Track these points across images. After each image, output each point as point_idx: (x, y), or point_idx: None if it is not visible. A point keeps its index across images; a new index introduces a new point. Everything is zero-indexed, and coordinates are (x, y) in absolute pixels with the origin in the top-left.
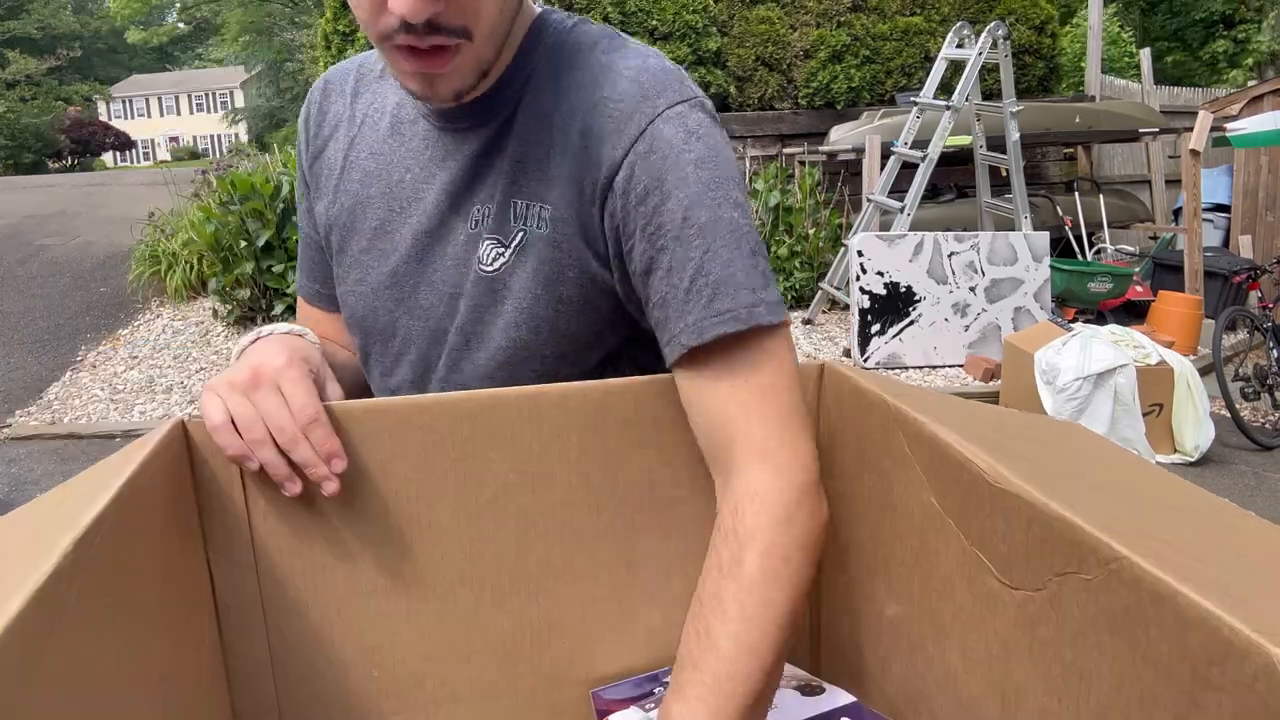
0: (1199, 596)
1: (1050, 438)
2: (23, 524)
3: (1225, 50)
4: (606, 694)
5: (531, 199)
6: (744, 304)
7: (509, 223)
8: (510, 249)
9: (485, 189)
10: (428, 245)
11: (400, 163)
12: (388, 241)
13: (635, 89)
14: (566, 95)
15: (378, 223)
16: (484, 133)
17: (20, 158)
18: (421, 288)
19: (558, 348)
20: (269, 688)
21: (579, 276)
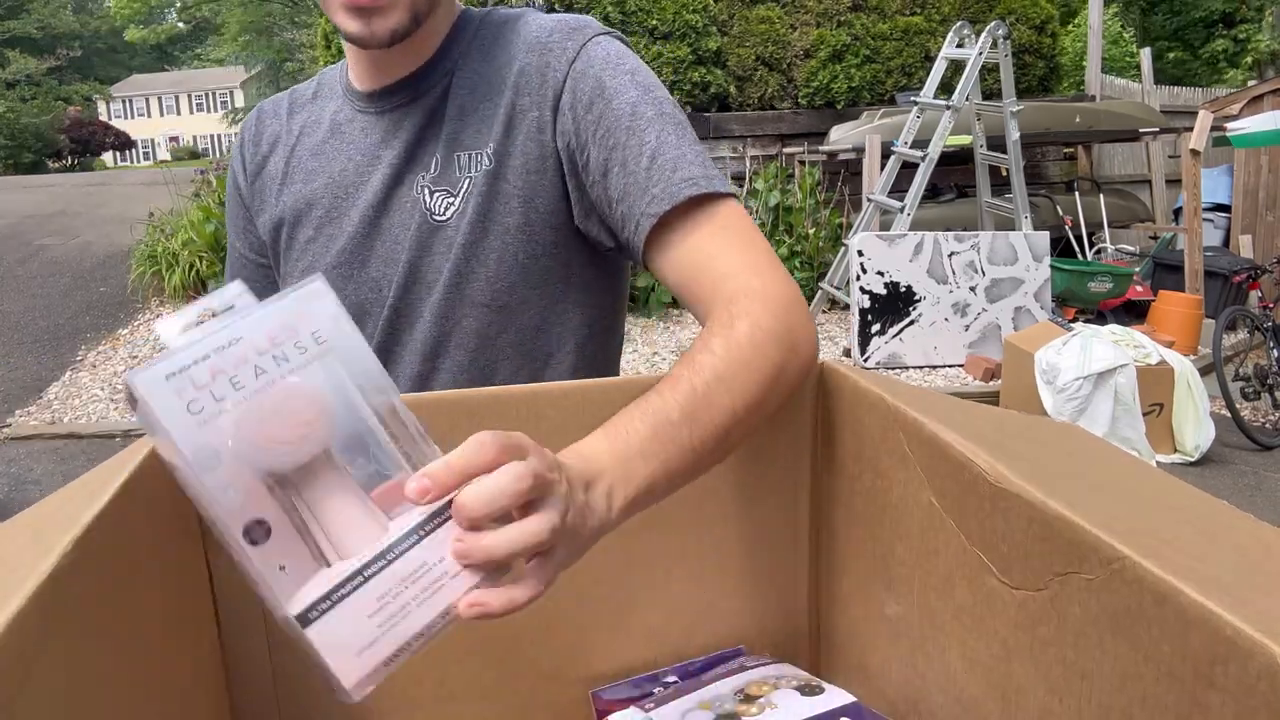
0: (1201, 596)
1: (1050, 439)
2: (23, 526)
3: (1225, 50)
4: (606, 694)
5: (473, 148)
6: (701, 175)
7: (455, 174)
8: (459, 196)
9: (428, 156)
10: (374, 219)
11: (342, 154)
12: (335, 226)
13: (563, 27)
14: (499, 52)
15: (324, 211)
16: (422, 105)
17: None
18: (371, 261)
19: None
20: (269, 687)
21: (524, 209)
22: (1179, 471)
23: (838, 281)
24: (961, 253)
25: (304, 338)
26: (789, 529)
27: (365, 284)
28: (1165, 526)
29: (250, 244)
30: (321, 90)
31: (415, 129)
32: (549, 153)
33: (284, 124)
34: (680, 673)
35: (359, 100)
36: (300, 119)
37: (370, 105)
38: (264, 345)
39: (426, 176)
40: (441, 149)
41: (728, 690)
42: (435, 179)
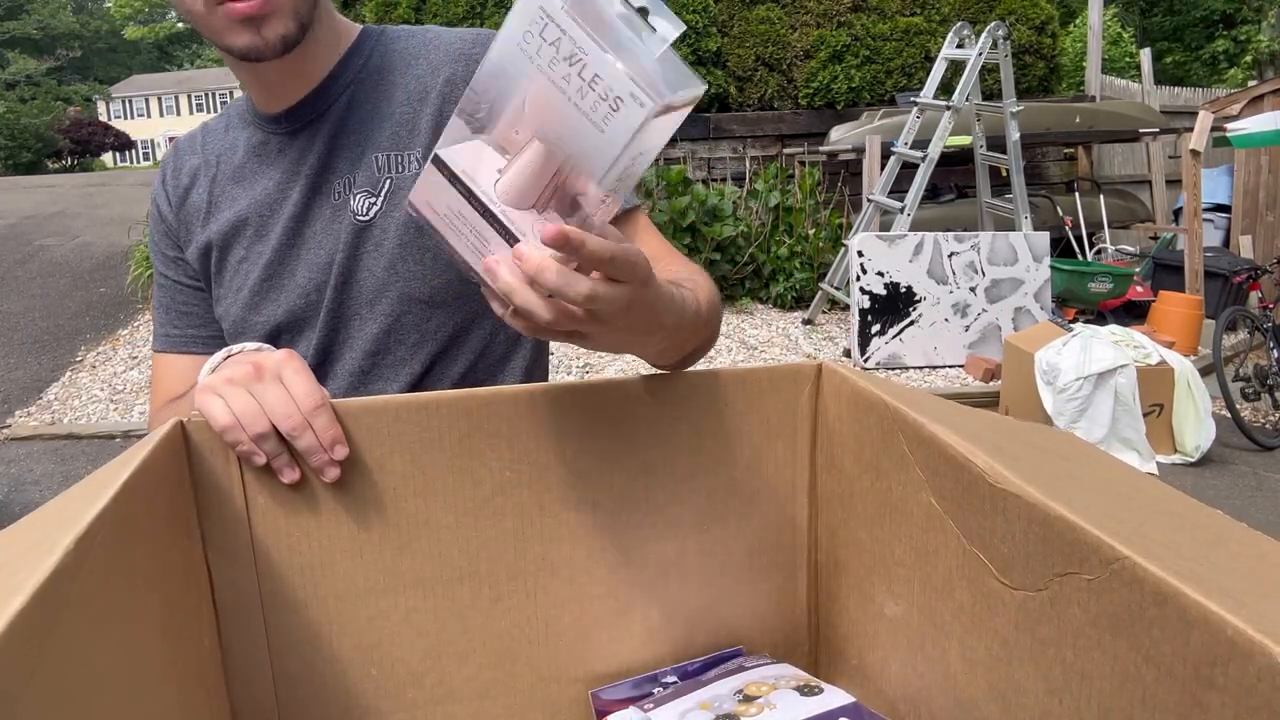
0: (1201, 597)
1: (1048, 444)
2: (24, 528)
3: (1225, 50)
4: (605, 694)
5: (393, 149)
6: None
7: (376, 175)
8: (380, 195)
9: (343, 163)
10: (297, 230)
11: (263, 175)
12: (262, 242)
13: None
14: (416, 61)
15: (252, 231)
16: (330, 118)
17: (20, 158)
18: (299, 270)
19: (433, 291)
20: (268, 687)
21: None
22: (1179, 472)
23: (838, 282)
24: (961, 253)
25: None
26: (788, 529)
27: (294, 292)
28: (1164, 530)
29: (182, 271)
30: (232, 121)
31: (327, 140)
32: None
33: (201, 157)
34: (680, 673)
35: (268, 123)
36: (216, 149)
37: (280, 127)
38: None
39: (347, 182)
40: (357, 153)
41: (727, 690)
42: (356, 183)
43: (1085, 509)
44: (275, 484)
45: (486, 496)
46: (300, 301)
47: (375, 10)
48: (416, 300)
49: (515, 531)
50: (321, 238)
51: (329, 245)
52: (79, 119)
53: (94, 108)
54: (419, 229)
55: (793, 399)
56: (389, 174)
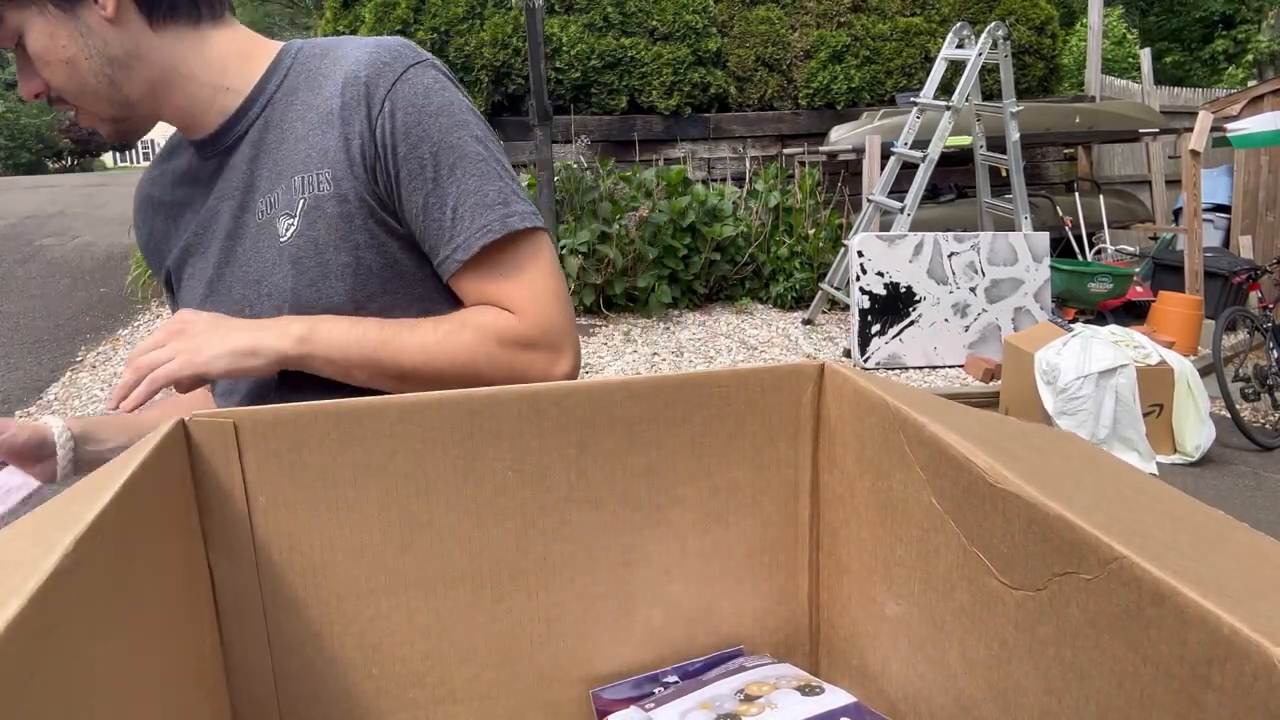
0: (1199, 596)
1: (1048, 444)
2: (25, 527)
3: (1225, 50)
4: (606, 694)
5: (309, 170)
6: (498, 217)
7: (292, 195)
8: (298, 215)
9: (265, 182)
10: (229, 248)
11: (197, 198)
12: (203, 260)
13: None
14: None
15: (196, 252)
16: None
17: (20, 158)
18: (234, 286)
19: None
20: (269, 686)
21: (368, 223)
22: (1179, 472)
23: (838, 282)
24: (961, 253)
25: None
26: (789, 529)
27: (230, 308)
28: (1163, 530)
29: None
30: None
31: (249, 160)
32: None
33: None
34: (680, 673)
35: (195, 148)
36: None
37: (205, 151)
38: None
39: (269, 201)
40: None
41: (728, 690)
42: (278, 202)
43: (1084, 509)
44: (276, 484)
45: (488, 496)
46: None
47: (375, 10)
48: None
49: (517, 531)
50: (250, 255)
51: (257, 265)
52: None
53: None
54: (337, 247)
55: (795, 399)
56: (303, 194)
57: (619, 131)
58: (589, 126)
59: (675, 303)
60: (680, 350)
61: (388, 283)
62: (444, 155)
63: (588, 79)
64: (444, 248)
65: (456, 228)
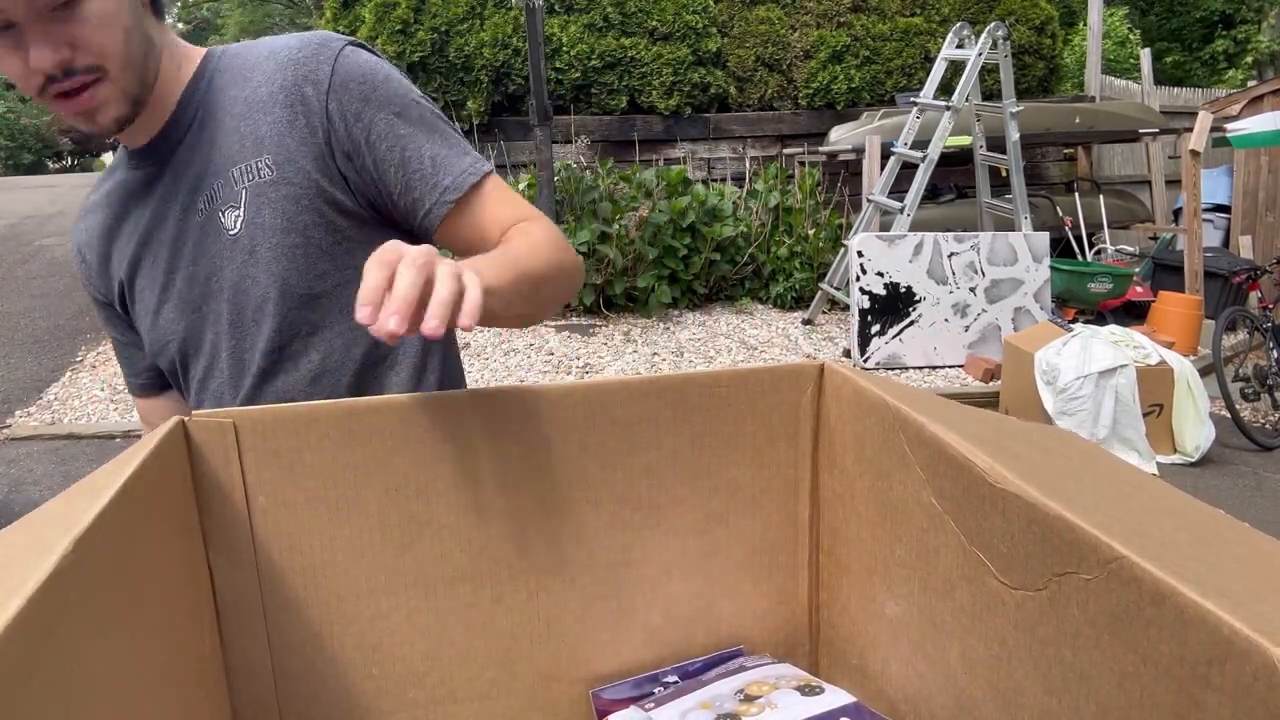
0: (1199, 596)
1: (1049, 443)
2: (25, 528)
3: (1225, 50)
4: (606, 694)
5: (245, 159)
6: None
7: (233, 187)
8: (243, 206)
9: (204, 180)
10: (176, 250)
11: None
12: (154, 268)
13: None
14: (252, 73)
15: (146, 261)
16: (186, 144)
17: (20, 158)
18: (184, 285)
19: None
20: (269, 686)
21: (316, 203)
22: (1179, 472)
23: (838, 282)
24: (961, 253)
25: None
26: (789, 529)
27: (185, 309)
28: (1163, 530)
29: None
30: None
31: (185, 163)
32: (325, 154)
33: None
34: (680, 673)
35: (134, 159)
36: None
37: (144, 161)
38: None
39: (208, 197)
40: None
41: (728, 690)
42: (219, 197)
43: (1084, 508)
44: (276, 484)
45: (488, 496)
46: (193, 317)
47: (375, 10)
48: (298, 295)
49: (517, 532)
50: (196, 254)
51: (206, 262)
52: None
53: None
54: (285, 230)
55: (795, 399)
56: (244, 184)
57: (619, 131)
58: (589, 126)
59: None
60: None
61: (338, 259)
62: (409, 112)
63: (588, 79)
64: (432, 193)
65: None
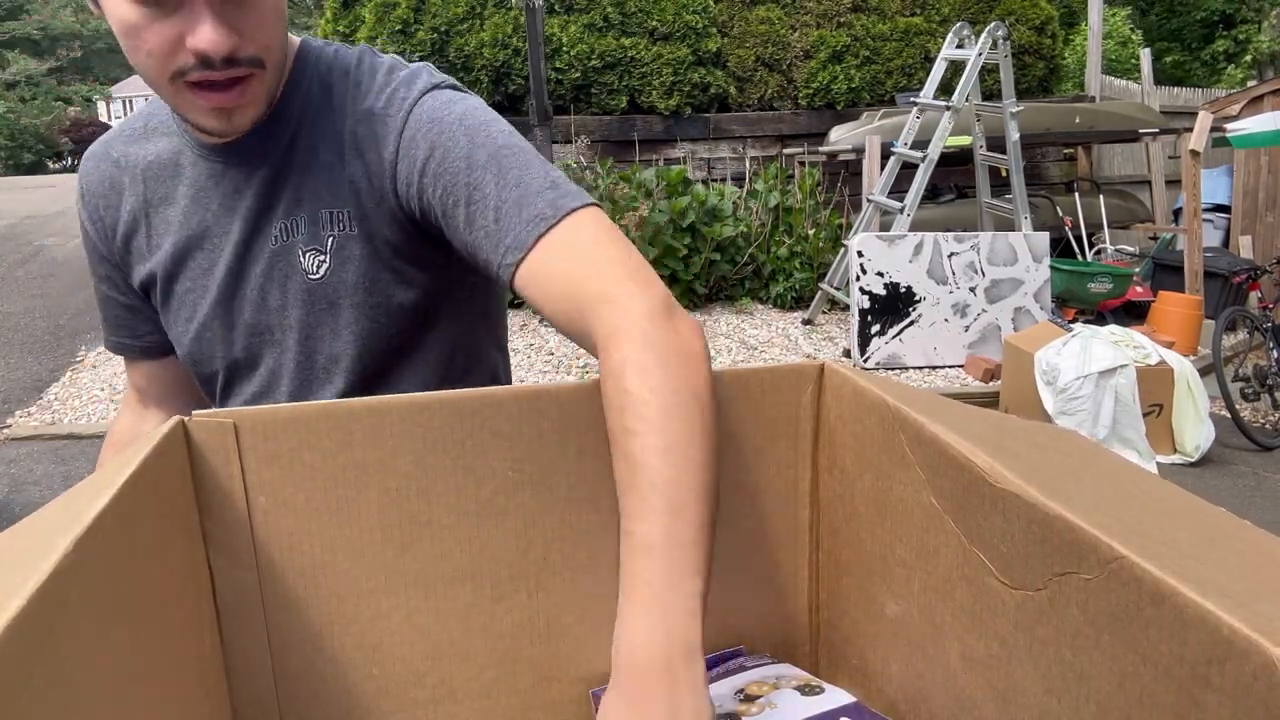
0: (1198, 596)
1: (1049, 442)
2: (25, 527)
3: (1225, 50)
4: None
5: (334, 206)
6: (547, 202)
7: (320, 231)
8: (328, 254)
9: (282, 207)
10: (240, 270)
11: (199, 205)
12: (208, 276)
13: (395, 88)
14: (340, 109)
15: (195, 263)
16: (269, 160)
17: (20, 158)
18: (246, 308)
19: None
20: (269, 686)
21: (394, 262)
22: (1179, 472)
23: (838, 282)
24: (961, 253)
25: None
26: (789, 529)
27: (244, 332)
28: (1164, 529)
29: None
30: (152, 127)
31: (264, 182)
32: (400, 216)
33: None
34: None
35: (201, 147)
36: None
37: (214, 155)
38: None
39: (287, 228)
40: (302, 204)
41: (728, 690)
42: (299, 232)
43: (1084, 508)
44: (277, 484)
45: (488, 496)
46: (253, 341)
47: (375, 10)
48: (377, 352)
49: (517, 531)
50: (267, 282)
51: (278, 295)
52: (79, 119)
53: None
54: (369, 289)
55: (795, 399)
56: (332, 232)
57: (619, 131)
58: (589, 126)
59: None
60: None
61: (421, 315)
62: (476, 154)
63: (588, 79)
64: (498, 252)
65: (504, 229)
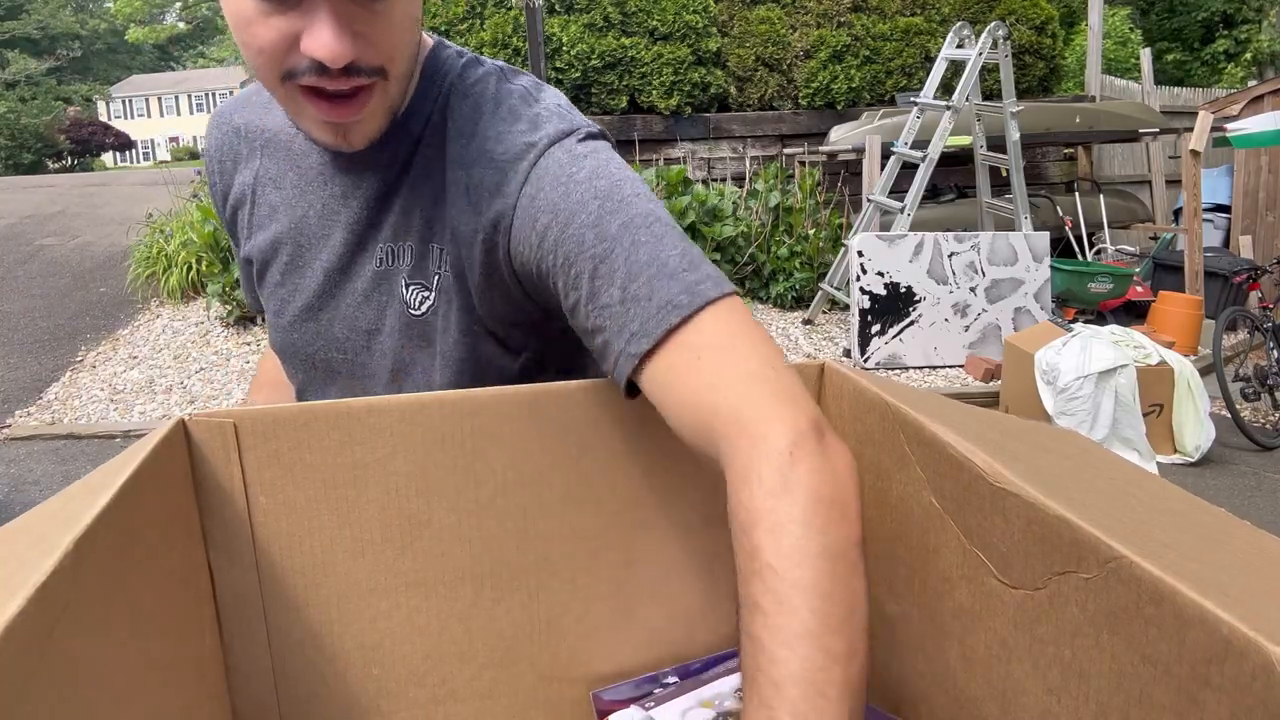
0: (1197, 595)
1: (1049, 442)
2: (24, 527)
3: (1225, 49)
4: (606, 695)
5: (444, 244)
6: (684, 287)
7: (428, 266)
8: (434, 291)
9: (388, 228)
10: (338, 282)
11: (303, 198)
12: (300, 276)
13: (519, 137)
14: (459, 143)
15: (289, 258)
16: (383, 174)
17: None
18: (336, 322)
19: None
20: (269, 686)
21: (490, 317)
22: (1179, 472)
23: (838, 282)
24: (961, 253)
25: None
26: None
27: (330, 342)
28: (1163, 529)
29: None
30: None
31: (375, 197)
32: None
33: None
34: (680, 673)
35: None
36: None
37: (328, 152)
38: None
39: (391, 252)
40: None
41: (728, 689)
42: (403, 262)
43: (1084, 508)
44: (276, 484)
45: (489, 496)
46: (336, 355)
47: None
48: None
49: (517, 531)
50: (362, 301)
51: (371, 315)
52: (79, 119)
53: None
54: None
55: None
56: (439, 271)
57: (619, 131)
58: None
59: None
60: None
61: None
62: (605, 223)
63: (588, 79)
64: (620, 340)
65: (630, 311)
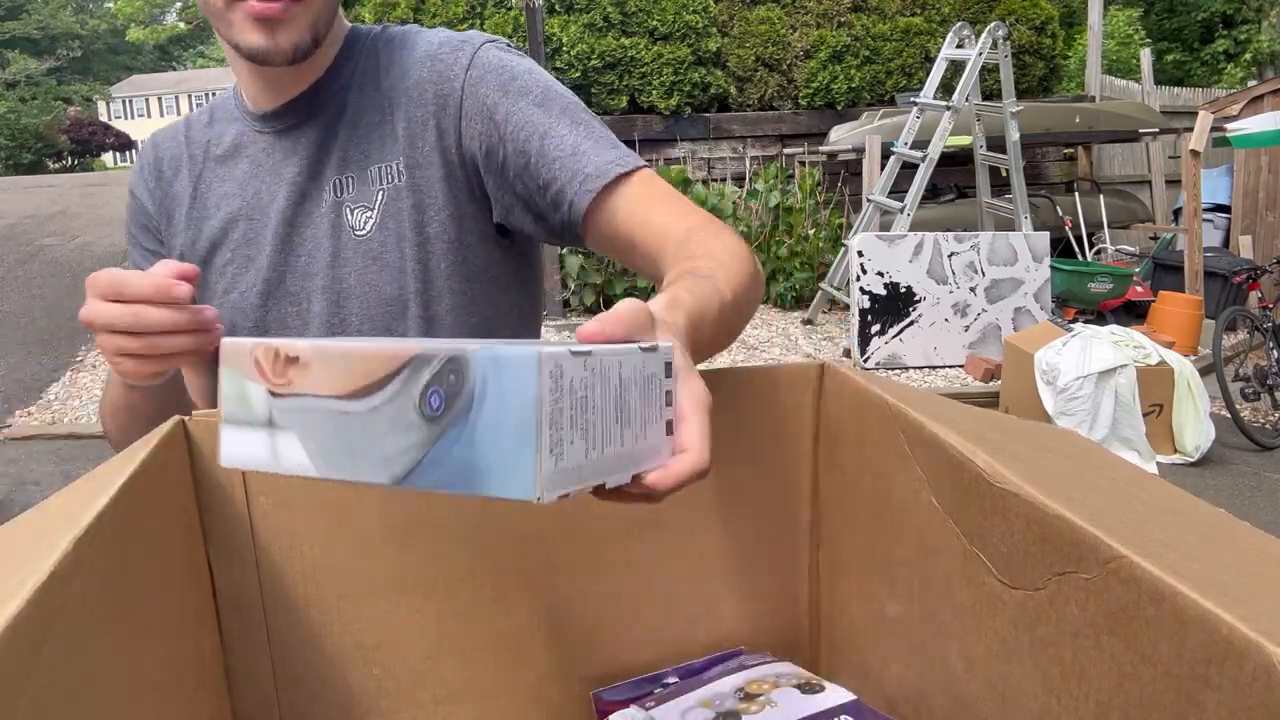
0: (1198, 596)
1: (1050, 442)
2: (24, 526)
3: (1225, 49)
4: (606, 695)
5: (384, 160)
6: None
7: (369, 187)
8: (375, 209)
9: (333, 167)
10: (286, 236)
11: (250, 176)
12: (251, 247)
13: (450, 41)
14: (394, 68)
15: (239, 234)
16: (318, 122)
17: (20, 158)
18: (288, 276)
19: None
20: (269, 687)
21: (442, 213)
22: (1179, 472)
23: (838, 282)
24: (961, 253)
25: None
26: (789, 529)
27: (284, 299)
28: (1163, 529)
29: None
30: (217, 115)
31: (313, 146)
32: (454, 160)
33: (184, 148)
34: (680, 673)
35: (255, 121)
36: (200, 140)
37: (267, 125)
38: None
39: (337, 186)
40: (347, 161)
41: (728, 688)
42: (348, 190)
43: (1084, 508)
44: (278, 483)
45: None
46: (291, 309)
47: (374, 11)
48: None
49: (517, 531)
50: (310, 246)
51: (320, 256)
52: (79, 119)
53: (94, 108)
54: (412, 241)
55: (796, 399)
56: (381, 186)
57: (619, 131)
58: None
59: None
60: None
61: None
62: (551, 102)
63: (588, 79)
64: (572, 182)
65: (582, 160)
